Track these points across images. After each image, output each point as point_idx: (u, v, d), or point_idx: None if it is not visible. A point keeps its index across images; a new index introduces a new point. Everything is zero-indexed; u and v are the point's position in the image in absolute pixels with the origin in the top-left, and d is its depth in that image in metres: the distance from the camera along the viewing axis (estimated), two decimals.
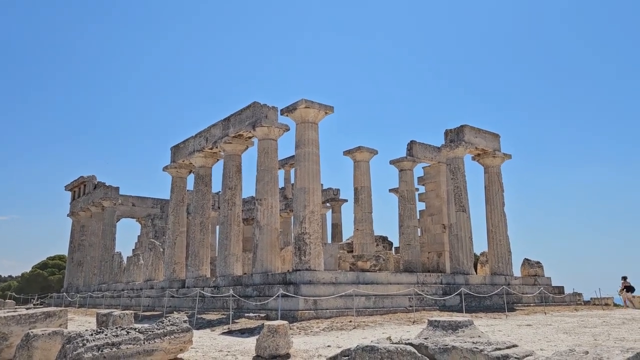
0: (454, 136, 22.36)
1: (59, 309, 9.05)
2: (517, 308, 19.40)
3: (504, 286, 19.30)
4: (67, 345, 6.61)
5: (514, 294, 20.82)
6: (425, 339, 5.46)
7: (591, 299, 24.03)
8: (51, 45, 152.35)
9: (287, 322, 8.62)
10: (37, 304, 36.35)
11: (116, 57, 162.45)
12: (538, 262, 23.94)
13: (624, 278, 23.07)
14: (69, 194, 38.75)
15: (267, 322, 8.44)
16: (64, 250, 48.39)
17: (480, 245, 34.29)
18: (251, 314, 15.21)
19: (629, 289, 22.85)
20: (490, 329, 12.24)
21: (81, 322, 18.01)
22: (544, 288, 21.65)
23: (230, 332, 12.77)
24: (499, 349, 4.79)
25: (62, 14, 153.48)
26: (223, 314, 16.23)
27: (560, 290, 23.56)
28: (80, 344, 6.56)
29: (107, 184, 32.72)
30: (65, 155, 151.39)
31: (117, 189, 32.84)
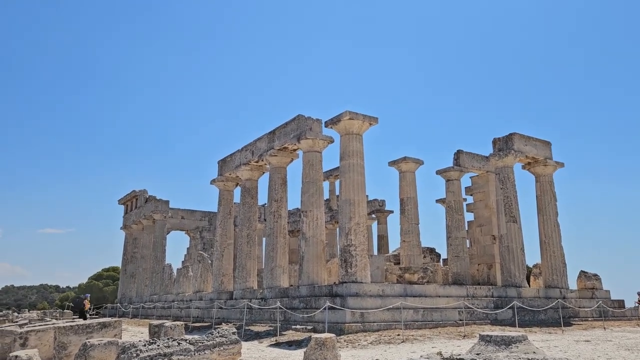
0: (503, 145, 21.81)
1: (114, 319, 9.36)
2: (573, 323, 18.58)
3: (559, 299, 18.54)
4: (122, 355, 6.81)
5: (570, 307, 19.96)
6: (477, 354, 5.30)
7: None
8: (102, 65, 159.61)
9: (334, 335, 8.57)
10: (93, 315, 37.74)
11: (166, 76, 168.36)
12: (595, 275, 22.91)
13: None
14: (122, 207, 40.19)
15: (314, 335, 8.42)
16: (117, 262, 50.12)
17: (532, 257, 33.04)
18: (298, 326, 15.23)
19: None
20: (546, 344, 11.76)
21: (134, 332, 18.53)
22: (602, 302, 20.65)
23: (277, 344, 12.82)
24: None
25: (115, 33, 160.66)
26: (270, 326, 16.33)
27: (620, 304, 22.45)
28: (134, 354, 6.75)
29: (157, 198, 33.72)
30: (118, 170, 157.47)
31: (167, 202, 33.78)
